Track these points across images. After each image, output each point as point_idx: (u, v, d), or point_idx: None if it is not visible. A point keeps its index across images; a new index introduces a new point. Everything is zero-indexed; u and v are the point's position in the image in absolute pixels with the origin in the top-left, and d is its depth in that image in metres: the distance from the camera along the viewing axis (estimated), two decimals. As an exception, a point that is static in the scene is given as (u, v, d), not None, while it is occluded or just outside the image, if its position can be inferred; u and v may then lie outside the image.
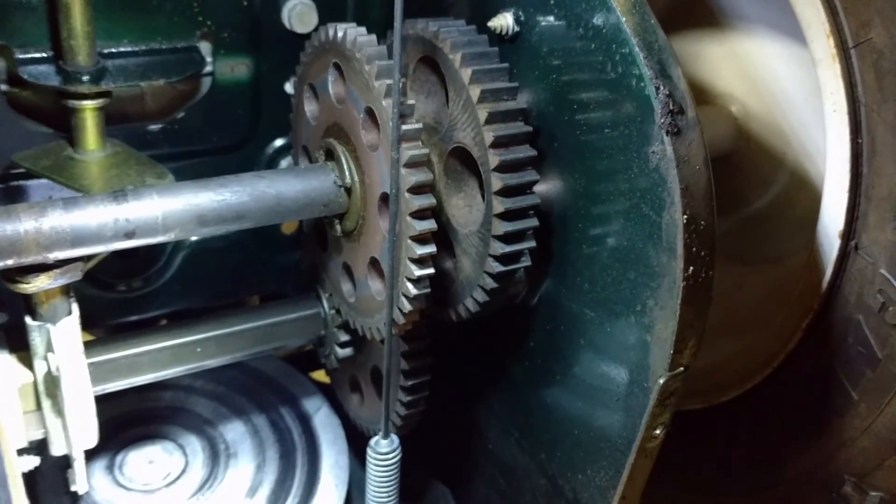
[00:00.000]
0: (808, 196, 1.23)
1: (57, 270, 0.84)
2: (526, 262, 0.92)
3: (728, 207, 1.35)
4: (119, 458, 1.21)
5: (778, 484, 1.10)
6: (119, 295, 1.30)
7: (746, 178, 1.34)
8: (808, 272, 1.02)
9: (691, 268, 0.73)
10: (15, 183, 1.13)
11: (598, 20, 0.79)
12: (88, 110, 1.06)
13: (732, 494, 1.17)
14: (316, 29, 1.17)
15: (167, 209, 0.87)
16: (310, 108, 1.09)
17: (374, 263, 0.99)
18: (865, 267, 0.95)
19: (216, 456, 1.24)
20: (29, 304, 0.89)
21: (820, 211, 1.02)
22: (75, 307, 0.91)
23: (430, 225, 0.88)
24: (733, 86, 1.33)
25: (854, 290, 0.97)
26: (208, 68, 1.20)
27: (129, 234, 0.85)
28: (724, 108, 1.34)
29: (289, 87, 1.24)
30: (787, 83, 1.24)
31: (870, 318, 0.95)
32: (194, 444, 1.26)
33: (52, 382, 0.90)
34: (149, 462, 1.22)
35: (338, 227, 1.02)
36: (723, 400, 1.15)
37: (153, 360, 1.05)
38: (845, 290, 0.98)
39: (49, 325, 0.88)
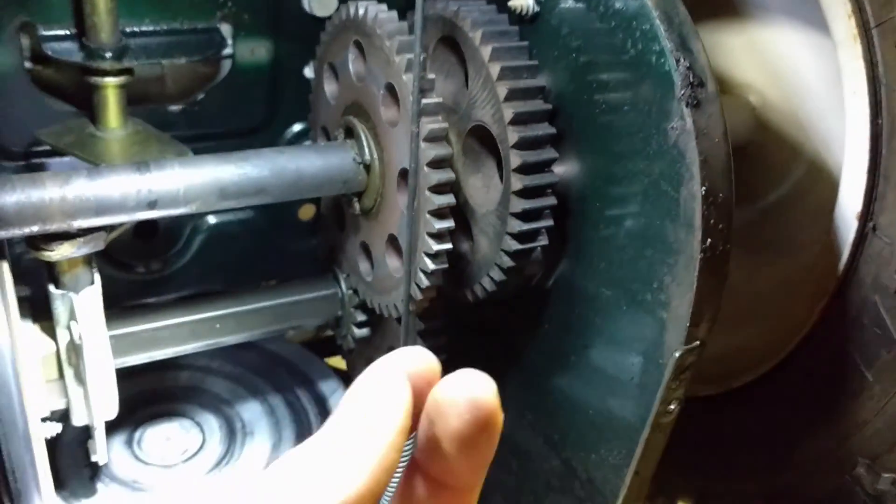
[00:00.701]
0: (825, 187, 1.23)
1: (80, 239, 0.86)
2: (543, 240, 0.92)
3: (744, 199, 1.35)
4: (137, 434, 1.22)
5: (791, 467, 1.10)
6: (137, 276, 1.31)
7: (763, 169, 1.34)
8: (825, 256, 1.03)
9: (709, 240, 0.73)
10: (37, 160, 1.15)
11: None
12: (110, 87, 1.07)
13: (745, 479, 1.18)
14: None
15: (189, 181, 0.88)
16: (329, 87, 1.10)
17: (392, 241, 0.99)
18: (882, 248, 0.95)
19: (233, 434, 1.25)
20: (52, 273, 0.90)
21: (837, 195, 1.02)
22: (97, 277, 0.92)
23: (448, 199, 0.89)
24: (752, 76, 1.33)
25: (871, 272, 0.97)
26: (228, 50, 1.21)
27: (152, 205, 0.86)
28: (742, 97, 1.34)
29: (308, 72, 1.25)
30: (806, 72, 1.24)
31: (886, 299, 0.95)
32: (211, 422, 1.27)
33: (75, 351, 0.92)
34: (167, 439, 1.23)
35: (356, 206, 1.03)
36: (737, 385, 1.15)
37: (172, 335, 1.06)
38: (862, 272, 0.98)
39: (72, 294, 0.89)
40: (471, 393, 0.41)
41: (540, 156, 0.88)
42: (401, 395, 0.41)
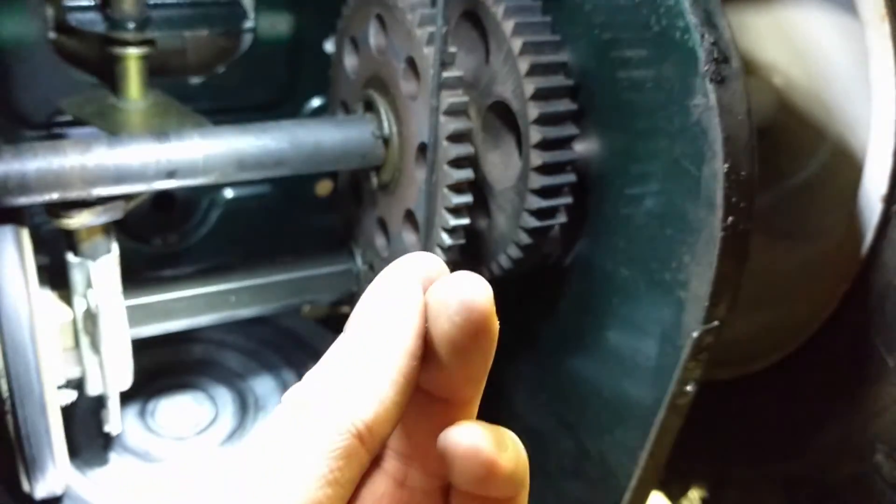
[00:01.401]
0: (849, 169, 1.21)
1: (99, 207, 0.86)
2: (561, 218, 0.91)
3: (767, 181, 1.33)
4: (151, 405, 1.23)
5: (808, 454, 1.10)
6: (154, 249, 1.32)
7: (786, 151, 1.32)
8: (848, 240, 1.01)
9: (730, 218, 0.72)
10: (59, 130, 1.15)
11: (644, -26, 0.78)
12: (132, 58, 1.07)
13: (761, 465, 1.17)
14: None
15: (208, 151, 0.88)
16: (350, 61, 1.09)
17: (409, 216, 0.99)
18: (907, 231, 0.94)
19: (245, 408, 1.26)
20: (71, 241, 0.91)
21: (862, 178, 1.01)
22: (115, 246, 0.92)
23: (467, 174, 0.88)
24: (777, 56, 1.31)
25: (894, 256, 0.96)
26: (250, 23, 1.21)
27: (171, 174, 0.86)
28: (766, 79, 1.33)
29: (328, 46, 1.25)
30: (832, 53, 1.23)
31: (909, 284, 0.94)
32: (224, 395, 1.27)
33: (91, 319, 0.92)
34: (180, 411, 1.23)
35: (374, 180, 1.03)
36: (755, 369, 1.14)
37: (188, 307, 1.06)
38: (885, 256, 0.97)
39: (89, 262, 0.90)
40: (462, 294, 0.37)
41: (560, 132, 0.87)
42: (413, 299, 0.38)
